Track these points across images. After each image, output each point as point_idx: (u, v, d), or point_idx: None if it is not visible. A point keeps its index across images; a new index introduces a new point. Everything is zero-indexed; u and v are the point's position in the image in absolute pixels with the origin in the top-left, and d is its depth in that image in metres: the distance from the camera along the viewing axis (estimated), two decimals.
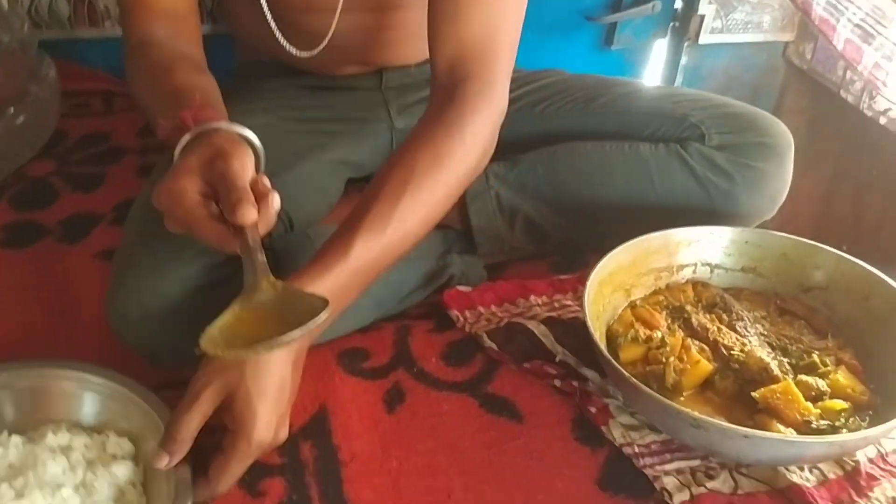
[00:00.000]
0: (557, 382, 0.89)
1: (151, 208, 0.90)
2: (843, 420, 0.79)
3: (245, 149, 0.76)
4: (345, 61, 1.11)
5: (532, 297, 1.02)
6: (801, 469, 0.79)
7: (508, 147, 1.15)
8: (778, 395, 0.79)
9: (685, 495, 0.77)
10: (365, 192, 0.82)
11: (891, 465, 0.80)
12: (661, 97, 1.16)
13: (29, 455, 0.74)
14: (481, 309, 1.00)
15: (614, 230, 1.06)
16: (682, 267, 0.96)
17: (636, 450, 0.81)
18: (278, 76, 1.14)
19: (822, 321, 0.92)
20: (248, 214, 0.69)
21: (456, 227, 1.12)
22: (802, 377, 0.82)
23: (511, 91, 1.19)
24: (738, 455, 0.77)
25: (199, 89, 0.86)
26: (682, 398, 0.83)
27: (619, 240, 0.93)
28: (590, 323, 0.82)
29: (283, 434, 0.75)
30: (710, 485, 0.77)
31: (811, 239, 0.94)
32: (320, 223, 1.07)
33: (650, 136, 1.10)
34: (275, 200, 0.72)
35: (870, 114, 1.56)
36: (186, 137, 0.77)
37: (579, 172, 1.08)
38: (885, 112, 1.52)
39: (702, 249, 0.96)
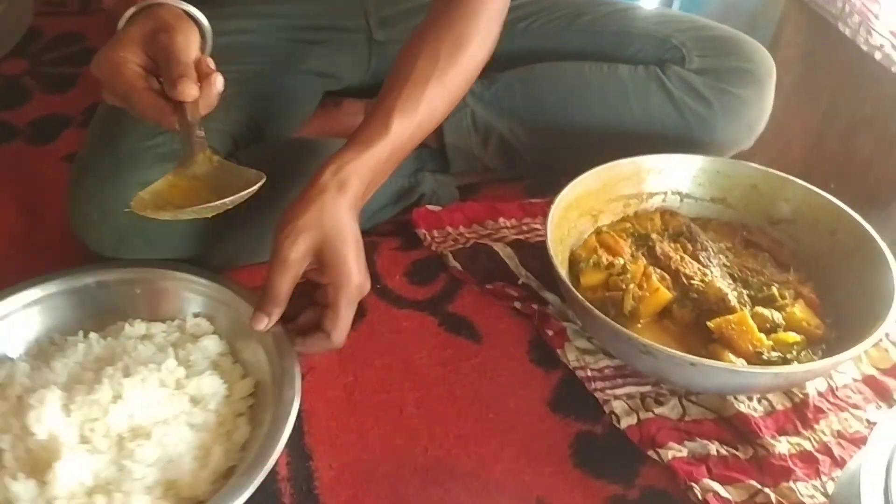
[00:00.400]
0: (518, 304, 0.89)
1: (113, 112, 0.89)
2: (795, 353, 0.79)
3: (191, 26, 0.74)
4: None
5: (501, 219, 1.02)
6: (750, 399, 0.80)
7: (489, 65, 1.12)
8: (732, 325, 0.80)
9: (632, 419, 0.78)
10: (392, 76, 0.84)
11: (840, 399, 0.81)
12: (645, 17, 1.12)
13: (115, 346, 0.76)
14: (449, 229, 1.00)
15: (589, 154, 1.04)
16: (651, 195, 0.95)
17: (589, 373, 0.81)
18: None
19: (786, 254, 0.91)
20: (189, 90, 0.69)
21: (430, 146, 1.11)
22: (759, 309, 0.82)
23: None
24: (686, 382, 0.78)
25: None
26: (639, 325, 0.83)
27: (591, 164, 0.92)
28: (551, 246, 0.81)
29: (368, 285, 0.78)
30: (658, 410, 0.78)
31: (801, 176, 0.93)
32: (292, 135, 1.06)
33: (631, 57, 1.08)
34: (217, 81, 0.71)
35: (865, 48, 1.52)
36: (131, 10, 0.75)
37: (556, 93, 1.06)
38: (880, 47, 1.48)
39: (672, 178, 0.95)
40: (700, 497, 0.71)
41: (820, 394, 0.81)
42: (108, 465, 0.66)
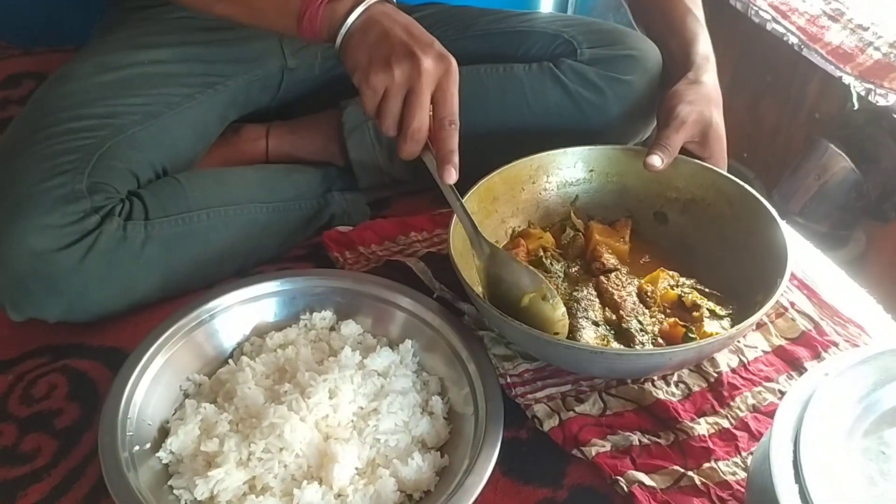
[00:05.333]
0: None
1: (8, 152, 0.87)
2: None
3: None
4: None
5: (412, 234, 1.02)
6: (668, 384, 0.82)
7: None
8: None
9: (554, 421, 0.78)
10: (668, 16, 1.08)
11: (752, 374, 0.83)
12: (536, 18, 1.15)
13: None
14: (361, 248, 0.99)
15: (493, 154, 1.05)
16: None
17: (509, 380, 0.82)
18: (171, 7, 1.07)
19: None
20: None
21: (337, 164, 1.10)
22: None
23: None
24: (605, 373, 0.81)
25: None
26: None
27: (496, 164, 0.95)
28: (455, 257, 0.82)
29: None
30: (579, 408, 0.79)
31: None
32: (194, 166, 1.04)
33: (524, 55, 1.09)
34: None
35: (757, 20, 1.57)
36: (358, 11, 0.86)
37: None
38: (769, 20, 1.52)
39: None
40: (626, 489, 0.73)
41: (733, 370, 0.84)
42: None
